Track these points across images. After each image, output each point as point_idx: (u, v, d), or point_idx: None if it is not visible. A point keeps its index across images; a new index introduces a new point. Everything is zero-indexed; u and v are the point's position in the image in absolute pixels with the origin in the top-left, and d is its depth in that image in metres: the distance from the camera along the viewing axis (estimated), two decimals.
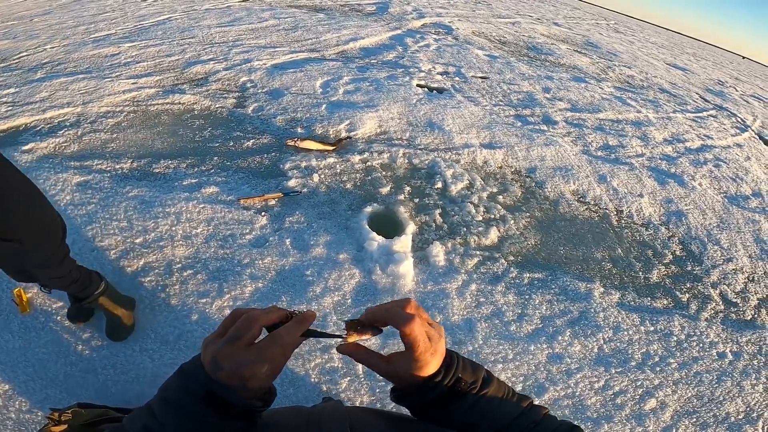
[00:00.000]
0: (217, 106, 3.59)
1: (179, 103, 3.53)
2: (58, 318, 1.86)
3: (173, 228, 2.35)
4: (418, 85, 5.04)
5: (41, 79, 3.63)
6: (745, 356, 2.43)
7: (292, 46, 5.42)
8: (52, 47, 4.31)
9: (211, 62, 4.40)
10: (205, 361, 0.50)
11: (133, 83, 3.71)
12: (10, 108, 3.16)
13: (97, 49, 4.33)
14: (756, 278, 3.15)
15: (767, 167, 5.45)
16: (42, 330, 1.80)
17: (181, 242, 2.29)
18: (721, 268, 3.13)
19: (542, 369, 2.11)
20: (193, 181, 2.70)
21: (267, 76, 4.30)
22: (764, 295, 2.99)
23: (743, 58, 29.27)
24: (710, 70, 13.57)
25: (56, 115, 3.17)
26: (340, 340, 0.60)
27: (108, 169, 2.71)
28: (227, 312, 2.05)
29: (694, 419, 2.08)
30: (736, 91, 10.60)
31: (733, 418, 2.12)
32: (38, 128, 3.01)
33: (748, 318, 2.73)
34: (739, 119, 7.42)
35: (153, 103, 3.48)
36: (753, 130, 7.01)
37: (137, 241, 2.25)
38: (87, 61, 4.04)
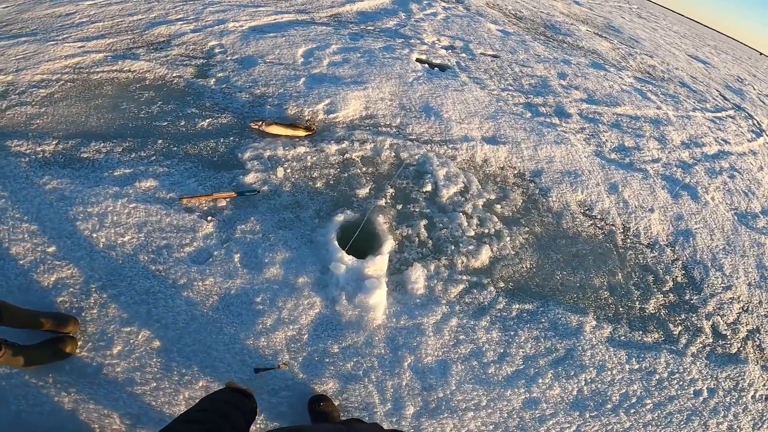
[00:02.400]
0: (174, 75, 3.04)
1: (128, 71, 2.97)
2: None
3: (94, 234, 1.91)
4: (417, 60, 4.46)
5: None
6: (720, 393, 2.31)
7: (278, 5, 4.76)
8: (5, 7, 3.64)
9: (179, 23, 3.78)
10: None
11: (79, 47, 3.12)
12: None
13: (52, 8, 3.68)
14: (750, 308, 2.91)
15: None
16: None
17: (103, 253, 1.86)
18: (718, 297, 2.88)
19: (515, 416, 1.89)
20: (127, 171, 2.23)
21: (241, 40, 3.70)
22: (754, 326, 2.78)
23: (761, 54, 28.05)
24: (730, 65, 12.85)
25: None
26: None
27: (28, 151, 2.22)
28: (156, 345, 1.68)
29: None
30: (754, 89, 10.02)
31: None
32: None
33: (733, 351, 2.57)
34: (755, 122, 6.94)
35: (98, 70, 2.92)
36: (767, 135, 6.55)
37: (50, 249, 1.82)
38: (36, 22, 3.42)
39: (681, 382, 2.27)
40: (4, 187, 2.02)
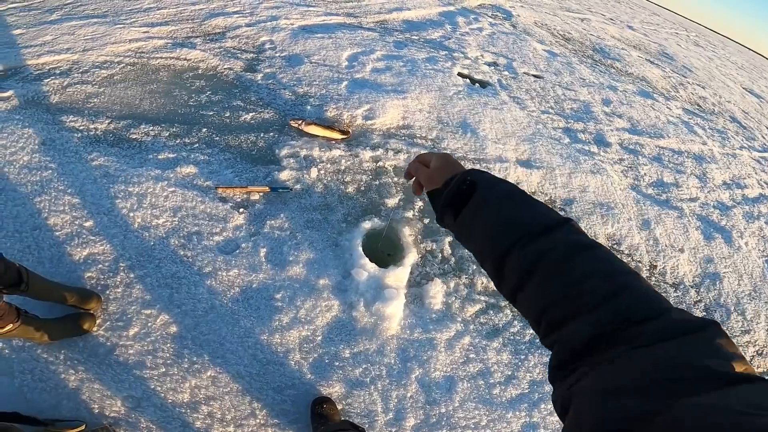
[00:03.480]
0: (225, 66, 3.16)
1: (185, 59, 3.11)
2: None
3: (131, 214, 2.01)
4: (459, 74, 4.45)
5: (54, 21, 3.23)
6: None
7: (328, 6, 4.86)
8: None
9: (235, 15, 3.93)
10: None
11: (144, 32, 3.30)
12: (8, 50, 2.77)
13: None
14: (765, 352, 2.81)
15: None
16: None
17: (136, 233, 1.95)
18: (735, 340, 2.80)
19: None
20: (171, 155, 2.33)
21: (290, 38, 3.81)
22: (765, 369, 2.71)
23: None
24: None
25: (50, 61, 2.80)
26: None
27: (81, 127, 2.36)
28: (172, 330, 1.74)
29: None
30: None
31: None
32: (25, 74, 2.64)
33: None
34: None
35: (157, 56, 3.07)
36: None
37: (87, 224, 1.92)
38: (108, 4, 3.63)
39: None
40: (53, 159, 2.15)
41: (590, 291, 0.42)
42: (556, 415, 1.96)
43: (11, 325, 1.32)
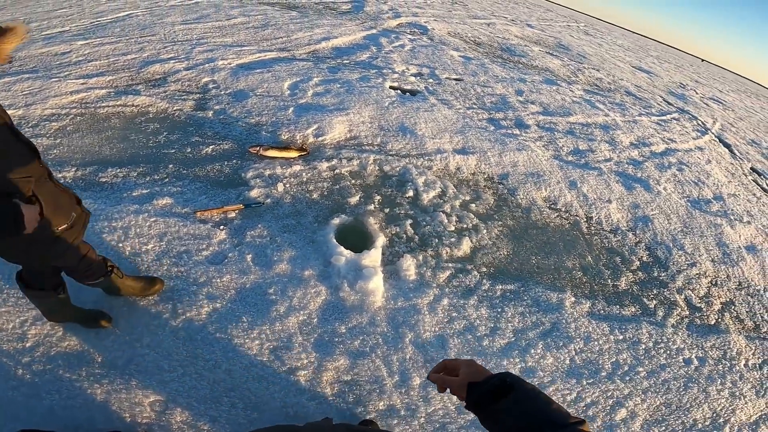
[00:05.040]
0: (174, 108, 3.37)
1: (132, 105, 3.28)
2: None
3: (120, 244, 2.15)
4: (390, 87, 4.94)
5: None
6: (710, 362, 2.53)
7: (260, 44, 5.21)
8: None
9: (171, 61, 4.15)
10: None
11: (82, 83, 3.43)
12: None
13: (46, 47, 3.99)
14: (719, 282, 3.26)
15: (727, 170, 5.69)
16: None
17: (129, 259, 2.10)
18: (685, 273, 3.23)
19: None
20: (144, 191, 2.50)
21: (231, 76, 4.09)
22: (727, 299, 3.11)
23: (702, 60, 30.88)
24: (672, 72, 14.16)
25: None
26: None
27: None
28: (182, 335, 1.90)
29: (663, 427, 2.12)
30: (696, 93, 11.09)
31: (700, 425, 2.18)
32: None
33: (712, 323, 2.84)
34: (699, 122, 7.74)
35: (103, 105, 3.22)
36: (713, 133, 7.32)
37: None
38: (34, 60, 3.71)
39: (668, 351, 2.49)
40: None
41: None
42: (548, 358, 2.30)
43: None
